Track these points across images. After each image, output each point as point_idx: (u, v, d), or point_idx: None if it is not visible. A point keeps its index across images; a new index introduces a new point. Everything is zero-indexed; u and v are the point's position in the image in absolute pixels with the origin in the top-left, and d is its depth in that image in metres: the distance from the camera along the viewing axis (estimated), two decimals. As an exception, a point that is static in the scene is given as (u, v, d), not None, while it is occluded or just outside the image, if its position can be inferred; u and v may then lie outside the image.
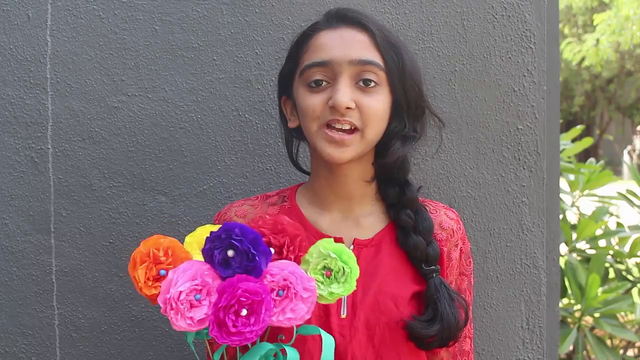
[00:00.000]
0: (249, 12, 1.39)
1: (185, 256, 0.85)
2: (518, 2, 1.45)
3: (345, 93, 0.98)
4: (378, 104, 1.01)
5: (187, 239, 0.89)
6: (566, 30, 14.26)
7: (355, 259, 0.86)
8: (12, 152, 1.37)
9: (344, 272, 0.86)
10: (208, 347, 0.91)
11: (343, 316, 1.03)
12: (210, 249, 0.82)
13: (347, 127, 0.99)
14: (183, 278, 0.80)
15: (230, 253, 0.81)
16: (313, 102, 1.00)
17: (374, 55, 1.01)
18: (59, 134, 1.37)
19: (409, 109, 1.05)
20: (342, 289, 0.86)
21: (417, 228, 1.07)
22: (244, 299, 0.79)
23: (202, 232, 0.89)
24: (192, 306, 0.80)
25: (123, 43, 1.37)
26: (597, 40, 12.82)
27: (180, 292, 0.80)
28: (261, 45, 1.40)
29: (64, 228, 1.38)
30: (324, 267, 0.86)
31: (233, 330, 0.78)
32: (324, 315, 1.02)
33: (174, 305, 0.80)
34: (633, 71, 14.38)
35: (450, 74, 1.44)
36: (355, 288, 0.86)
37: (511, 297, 1.47)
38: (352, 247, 1.06)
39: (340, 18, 1.04)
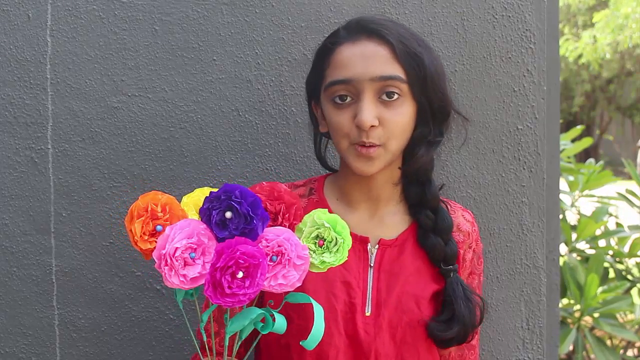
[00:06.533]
0: (249, 12, 1.39)
1: (182, 214, 0.85)
2: (518, 2, 1.45)
3: (368, 112, 1.00)
4: (401, 117, 1.02)
5: (185, 199, 0.89)
6: (566, 30, 14.25)
7: (348, 229, 0.87)
8: (12, 152, 1.37)
9: (336, 242, 0.86)
10: (198, 308, 0.92)
11: (367, 314, 1.05)
12: (209, 209, 0.82)
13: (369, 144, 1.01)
14: (180, 235, 0.80)
15: (228, 214, 0.81)
16: (340, 119, 1.02)
17: (395, 69, 1.01)
18: (59, 134, 1.37)
19: (433, 115, 1.07)
20: (334, 259, 0.86)
21: (436, 228, 1.10)
22: (242, 261, 0.78)
23: (199, 194, 0.89)
24: (186, 264, 0.80)
25: (123, 43, 1.37)
26: (594, 37, 12.81)
27: (176, 248, 0.80)
28: (261, 45, 1.40)
29: (64, 228, 1.38)
30: (317, 236, 0.87)
31: (228, 291, 0.78)
32: (349, 312, 1.05)
33: (168, 261, 0.80)
34: (633, 71, 14.37)
35: (450, 75, 1.44)
36: (346, 259, 0.87)
37: (511, 297, 1.47)
38: (377, 247, 1.09)
39: (360, 29, 1.04)
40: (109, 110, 1.38)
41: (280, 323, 0.86)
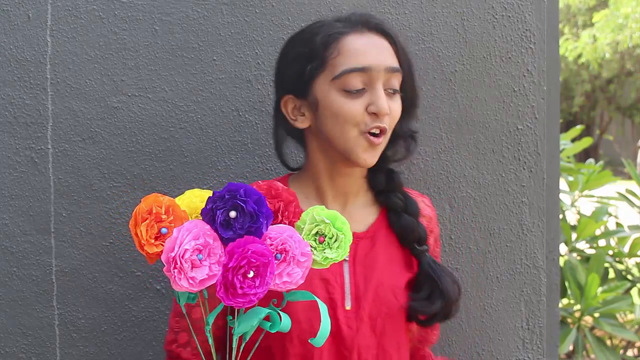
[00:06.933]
0: (249, 12, 1.39)
1: (184, 215, 0.84)
2: (518, 2, 1.45)
3: (385, 100, 1.03)
4: (400, 108, 1.08)
5: (177, 201, 0.88)
6: (566, 30, 14.25)
7: (349, 225, 0.88)
8: (12, 152, 1.37)
9: (337, 238, 0.87)
10: (202, 308, 0.90)
11: (348, 308, 1.06)
12: (212, 209, 0.82)
13: (378, 131, 1.05)
14: (188, 237, 0.80)
15: (232, 214, 0.81)
16: (353, 108, 1.03)
17: (397, 62, 1.06)
18: (59, 134, 1.37)
19: (413, 109, 1.13)
20: (336, 255, 0.87)
21: (407, 208, 1.14)
22: (254, 260, 0.78)
23: (191, 196, 0.88)
24: (193, 266, 0.80)
25: (123, 43, 1.37)
26: (594, 36, 12.80)
27: (186, 250, 0.79)
28: (261, 45, 1.40)
29: (64, 228, 1.38)
30: (317, 233, 0.87)
31: (240, 292, 0.78)
32: (330, 308, 1.05)
33: (178, 263, 0.79)
34: (633, 71, 14.37)
35: (450, 74, 1.44)
36: (348, 253, 0.88)
37: (511, 297, 1.47)
38: None
39: (363, 23, 1.07)
40: (109, 110, 1.38)
41: (285, 322, 0.86)
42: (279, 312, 0.86)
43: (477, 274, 1.46)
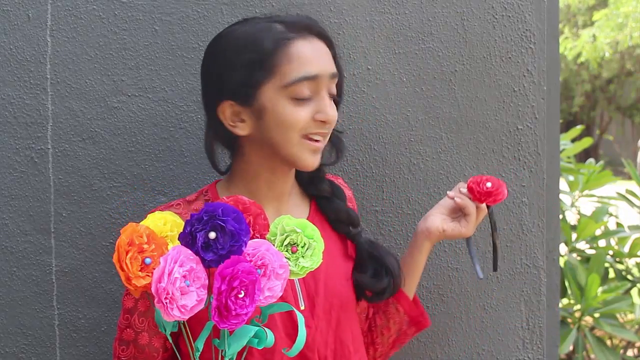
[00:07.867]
0: (249, 12, 1.39)
1: (163, 241, 0.83)
2: (518, 2, 1.45)
3: (333, 108, 1.05)
4: (336, 112, 1.08)
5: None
6: (566, 30, 14.24)
7: (319, 232, 0.89)
8: (12, 152, 1.37)
9: (309, 246, 0.87)
10: (187, 335, 0.88)
11: (302, 308, 1.07)
12: (192, 233, 0.80)
13: (320, 137, 1.07)
14: (176, 265, 0.79)
15: (212, 235, 0.79)
16: (300, 115, 1.03)
17: (335, 68, 1.08)
18: (59, 134, 1.37)
19: (338, 110, 1.14)
20: (311, 263, 0.87)
21: (335, 194, 1.17)
22: (245, 280, 0.78)
23: (154, 219, 0.87)
24: (182, 293, 0.78)
25: (123, 43, 1.37)
26: (594, 35, 12.79)
27: (176, 279, 0.77)
28: (261, 45, 1.40)
29: (64, 228, 1.38)
30: (289, 243, 0.87)
31: (233, 313, 0.77)
32: (285, 312, 1.04)
33: (170, 293, 0.77)
34: (633, 71, 14.36)
35: (450, 74, 1.44)
36: (322, 260, 0.88)
37: (511, 297, 1.47)
38: None
39: (306, 28, 1.06)
40: (109, 110, 1.38)
41: (270, 339, 0.86)
42: (263, 327, 0.86)
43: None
